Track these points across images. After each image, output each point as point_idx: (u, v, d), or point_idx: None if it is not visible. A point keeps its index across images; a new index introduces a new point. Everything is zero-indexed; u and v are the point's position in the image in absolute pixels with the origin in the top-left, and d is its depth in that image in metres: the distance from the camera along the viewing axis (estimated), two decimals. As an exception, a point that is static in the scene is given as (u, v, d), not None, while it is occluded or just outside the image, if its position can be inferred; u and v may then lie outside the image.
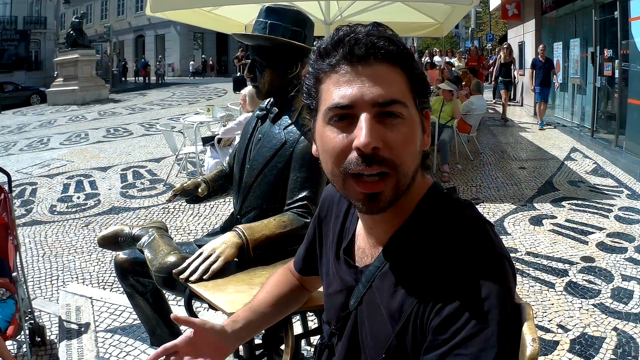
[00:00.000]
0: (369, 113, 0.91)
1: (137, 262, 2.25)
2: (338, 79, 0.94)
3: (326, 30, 7.63)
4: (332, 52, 0.96)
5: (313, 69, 1.00)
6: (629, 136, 7.79)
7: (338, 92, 0.93)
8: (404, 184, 0.95)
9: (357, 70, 0.93)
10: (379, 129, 0.91)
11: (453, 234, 0.96)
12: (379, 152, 0.90)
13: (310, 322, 2.64)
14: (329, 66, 0.96)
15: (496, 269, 0.92)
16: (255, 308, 1.36)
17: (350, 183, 0.94)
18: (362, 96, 0.91)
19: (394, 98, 0.92)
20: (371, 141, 0.89)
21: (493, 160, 8.22)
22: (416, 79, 0.97)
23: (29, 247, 4.87)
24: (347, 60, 0.94)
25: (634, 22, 7.41)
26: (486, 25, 35.37)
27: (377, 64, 0.93)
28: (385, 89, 0.92)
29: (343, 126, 0.93)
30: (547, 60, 10.93)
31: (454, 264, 0.92)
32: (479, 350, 0.86)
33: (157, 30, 38.68)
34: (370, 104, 0.91)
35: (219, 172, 2.58)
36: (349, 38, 0.94)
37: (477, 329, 0.86)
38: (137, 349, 3.11)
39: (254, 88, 2.33)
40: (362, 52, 0.92)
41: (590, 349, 3.09)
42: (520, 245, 4.73)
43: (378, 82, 0.92)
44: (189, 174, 7.45)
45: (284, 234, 1.98)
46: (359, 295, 1.07)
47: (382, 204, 0.95)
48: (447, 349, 0.88)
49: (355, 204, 0.98)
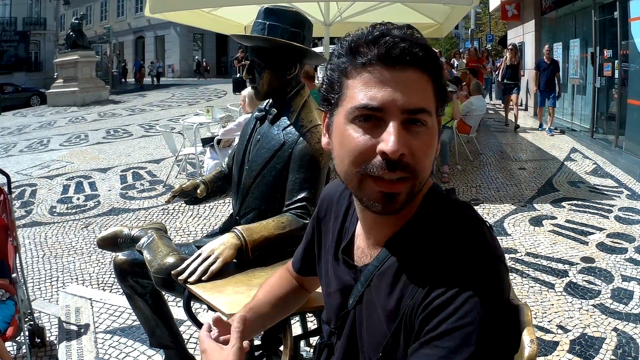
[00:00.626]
0: (398, 119, 0.90)
1: (136, 263, 2.25)
2: (369, 79, 0.93)
3: (325, 31, 7.65)
4: (364, 50, 0.94)
5: (340, 62, 0.98)
6: (629, 136, 7.79)
7: (369, 92, 0.92)
8: (418, 189, 0.96)
9: (390, 73, 0.92)
10: (405, 136, 0.91)
11: (449, 235, 0.96)
12: (403, 158, 0.90)
13: (309, 323, 2.64)
14: (361, 64, 0.94)
15: (488, 270, 0.92)
16: (255, 309, 1.36)
17: (369, 182, 0.94)
18: (394, 101, 0.91)
19: (423, 106, 0.92)
20: (399, 148, 0.89)
21: (493, 161, 8.23)
22: (441, 89, 0.98)
23: (28, 249, 4.87)
24: (381, 61, 0.92)
25: (633, 22, 7.42)
26: (486, 25, 35.38)
27: (410, 70, 0.92)
28: (416, 96, 0.92)
29: (368, 127, 0.93)
30: (552, 62, 10.54)
31: (448, 263, 0.92)
32: (456, 346, 0.86)
33: (156, 31, 38.70)
34: (401, 109, 0.91)
35: (218, 173, 2.58)
36: (386, 40, 0.92)
37: (458, 324, 0.86)
38: (136, 350, 3.11)
39: (252, 89, 2.33)
40: (398, 56, 0.92)
41: (590, 350, 3.09)
42: (520, 246, 4.72)
43: (410, 88, 0.91)
44: (188, 175, 7.45)
45: (282, 235, 1.98)
46: (357, 294, 1.07)
47: (398, 206, 0.95)
48: (428, 339, 0.88)
49: (369, 203, 0.97)
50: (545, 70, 10.42)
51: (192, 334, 3.20)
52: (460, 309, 0.87)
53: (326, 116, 1.05)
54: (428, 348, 0.88)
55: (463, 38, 39.79)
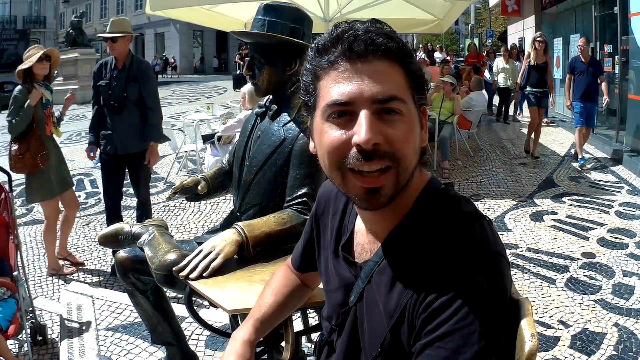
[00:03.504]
0: (369, 110, 0.90)
1: (138, 260, 2.25)
2: (337, 76, 0.94)
3: (325, 27, 7.62)
4: (330, 49, 0.95)
5: (311, 66, 1.00)
6: (630, 132, 7.78)
7: (337, 88, 0.93)
8: (404, 179, 0.95)
9: (356, 67, 0.92)
10: (379, 125, 0.90)
11: (448, 230, 0.96)
12: (379, 147, 0.90)
13: (310, 319, 2.64)
14: (327, 63, 0.95)
15: (489, 266, 0.92)
16: (264, 316, 1.36)
17: (350, 178, 0.93)
18: (361, 93, 0.91)
19: (393, 94, 0.92)
20: (371, 137, 0.88)
21: (493, 157, 8.22)
22: (414, 76, 0.97)
23: (29, 246, 4.88)
24: (345, 57, 0.93)
25: (633, 17, 7.41)
26: (486, 21, 35.32)
27: (376, 60, 0.92)
28: (385, 86, 0.91)
29: (342, 123, 0.93)
30: (591, 62, 7.48)
31: (448, 259, 0.91)
32: (459, 346, 0.86)
33: (156, 28, 38.65)
34: (370, 100, 0.91)
35: (218, 169, 2.58)
36: (348, 35, 0.93)
37: (460, 324, 0.86)
38: (138, 347, 3.11)
39: (252, 85, 2.33)
40: (361, 49, 0.92)
41: (591, 345, 3.09)
42: (520, 241, 4.72)
43: (377, 79, 0.91)
44: (189, 172, 7.45)
45: (283, 230, 1.98)
46: (358, 291, 1.07)
47: (383, 199, 0.94)
48: (430, 340, 0.88)
49: (355, 200, 0.97)
50: (583, 74, 7.42)
51: (194, 331, 3.21)
52: (461, 309, 0.87)
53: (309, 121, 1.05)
54: (431, 349, 0.88)
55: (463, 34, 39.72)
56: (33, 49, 4.20)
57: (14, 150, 4.00)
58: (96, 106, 4.32)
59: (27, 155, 4.00)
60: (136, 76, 4.19)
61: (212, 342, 3.13)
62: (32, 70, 4.06)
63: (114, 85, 4.16)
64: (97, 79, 4.26)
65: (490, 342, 0.87)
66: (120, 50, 4.20)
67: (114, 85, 4.16)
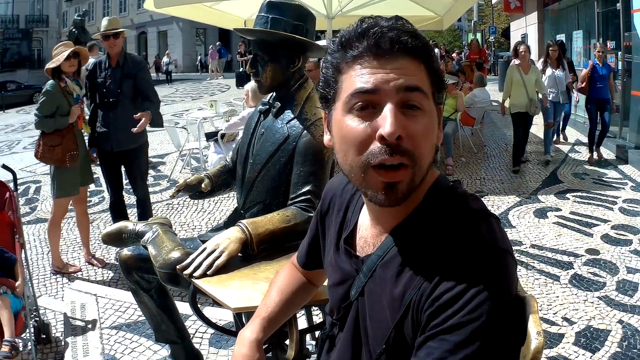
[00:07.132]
0: (393, 100, 0.91)
1: (141, 258, 2.25)
2: (362, 69, 0.94)
3: (328, 24, 7.62)
4: (354, 44, 0.96)
5: (333, 59, 1.00)
6: (633, 128, 7.76)
7: (362, 79, 0.93)
8: (419, 177, 0.95)
9: (381, 62, 0.93)
10: (402, 119, 0.91)
11: (456, 227, 0.95)
12: (402, 142, 0.90)
13: (315, 317, 2.64)
14: (351, 57, 0.96)
15: (496, 263, 0.92)
16: (271, 315, 1.36)
17: (372, 173, 0.93)
18: (387, 82, 0.91)
19: (419, 85, 0.93)
20: (396, 130, 0.89)
21: (497, 153, 8.20)
22: (436, 74, 0.98)
23: (33, 245, 4.89)
24: (371, 52, 0.93)
25: (636, 14, 7.38)
26: (488, 18, 35.19)
27: (400, 57, 0.93)
28: (410, 78, 0.92)
29: (365, 115, 0.93)
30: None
31: (455, 256, 0.91)
32: (463, 340, 0.86)
33: (159, 26, 38.62)
34: (395, 89, 0.91)
35: (222, 167, 2.58)
36: (374, 31, 0.94)
37: (466, 319, 0.86)
38: (142, 345, 3.12)
39: (256, 83, 2.33)
40: (387, 46, 0.92)
41: (596, 342, 3.09)
42: (525, 238, 4.72)
43: (402, 72, 0.92)
44: (192, 170, 7.45)
45: (287, 228, 1.98)
46: (360, 284, 1.06)
47: (399, 195, 0.94)
48: (434, 333, 0.88)
49: (374, 196, 0.96)
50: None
51: (198, 329, 3.21)
52: (467, 305, 0.87)
53: (326, 114, 1.05)
54: (435, 341, 0.88)
55: (466, 30, 39.61)
56: (61, 47, 4.26)
57: (47, 139, 4.03)
58: (92, 105, 4.37)
59: (57, 149, 4.04)
60: (130, 72, 4.25)
61: (216, 340, 3.13)
62: (61, 68, 4.07)
63: (109, 82, 4.23)
64: (92, 77, 4.31)
65: (495, 339, 0.87)
66: (120, 46, 4.27)
67: (108, 82, 4.23)
